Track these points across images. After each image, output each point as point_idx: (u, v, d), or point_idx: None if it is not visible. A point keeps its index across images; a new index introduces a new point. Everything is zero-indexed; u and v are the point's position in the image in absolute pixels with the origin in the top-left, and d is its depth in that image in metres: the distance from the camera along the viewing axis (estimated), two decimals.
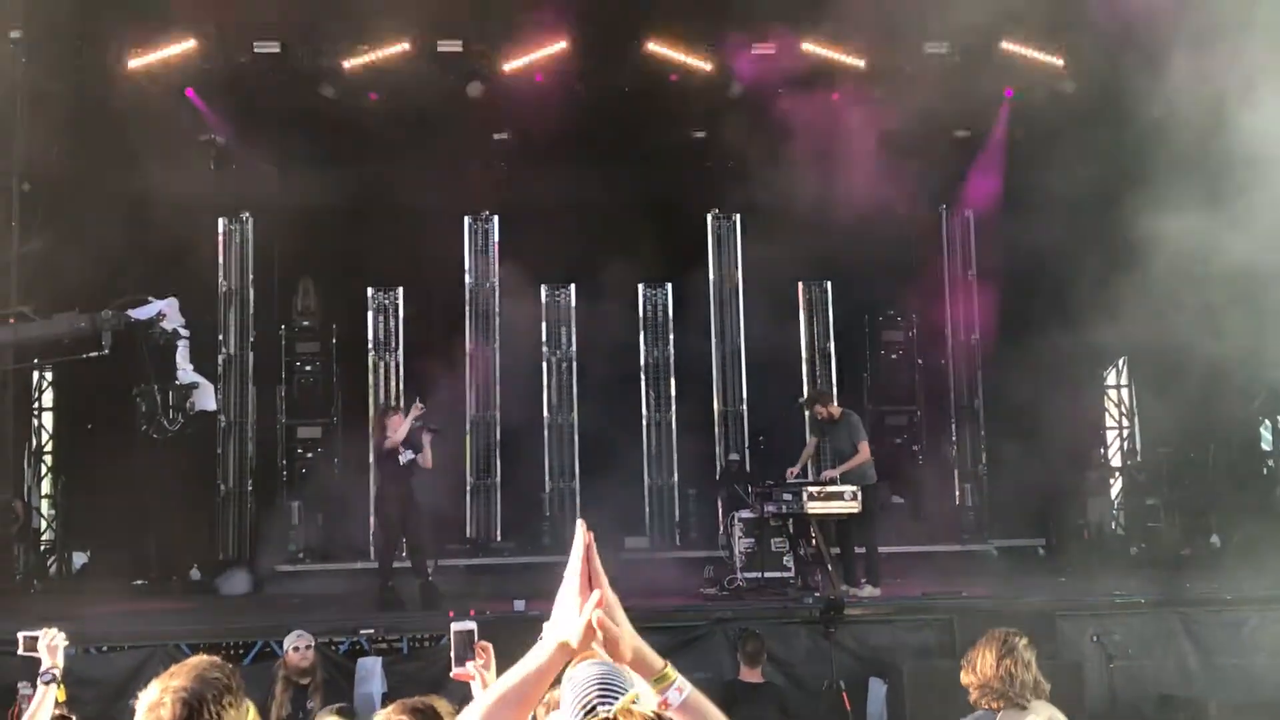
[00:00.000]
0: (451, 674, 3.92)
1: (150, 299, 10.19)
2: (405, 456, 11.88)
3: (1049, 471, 16.69)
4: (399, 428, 11.80)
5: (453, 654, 3.92)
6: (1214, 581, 11.86)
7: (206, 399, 10.46)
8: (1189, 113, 15.77)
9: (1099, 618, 10.11)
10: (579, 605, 2.59)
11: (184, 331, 10.25)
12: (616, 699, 3.24)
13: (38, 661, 4.94)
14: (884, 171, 16.30)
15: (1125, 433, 18.66)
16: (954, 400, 17.53)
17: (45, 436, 16.53)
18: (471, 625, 3.98)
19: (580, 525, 2.61)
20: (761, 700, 9.13)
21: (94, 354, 10.17)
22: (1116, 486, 18.10)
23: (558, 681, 2.84)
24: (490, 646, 3.98)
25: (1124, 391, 18.74)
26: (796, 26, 15.62)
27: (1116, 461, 18.39)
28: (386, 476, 12.15)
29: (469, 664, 3.90)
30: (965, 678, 5.56)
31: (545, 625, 3.86)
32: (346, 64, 15.23)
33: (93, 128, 15.05)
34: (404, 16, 15.14)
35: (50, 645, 4.92)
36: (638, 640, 2.66)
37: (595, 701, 3.26)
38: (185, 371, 10.31)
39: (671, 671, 2.67)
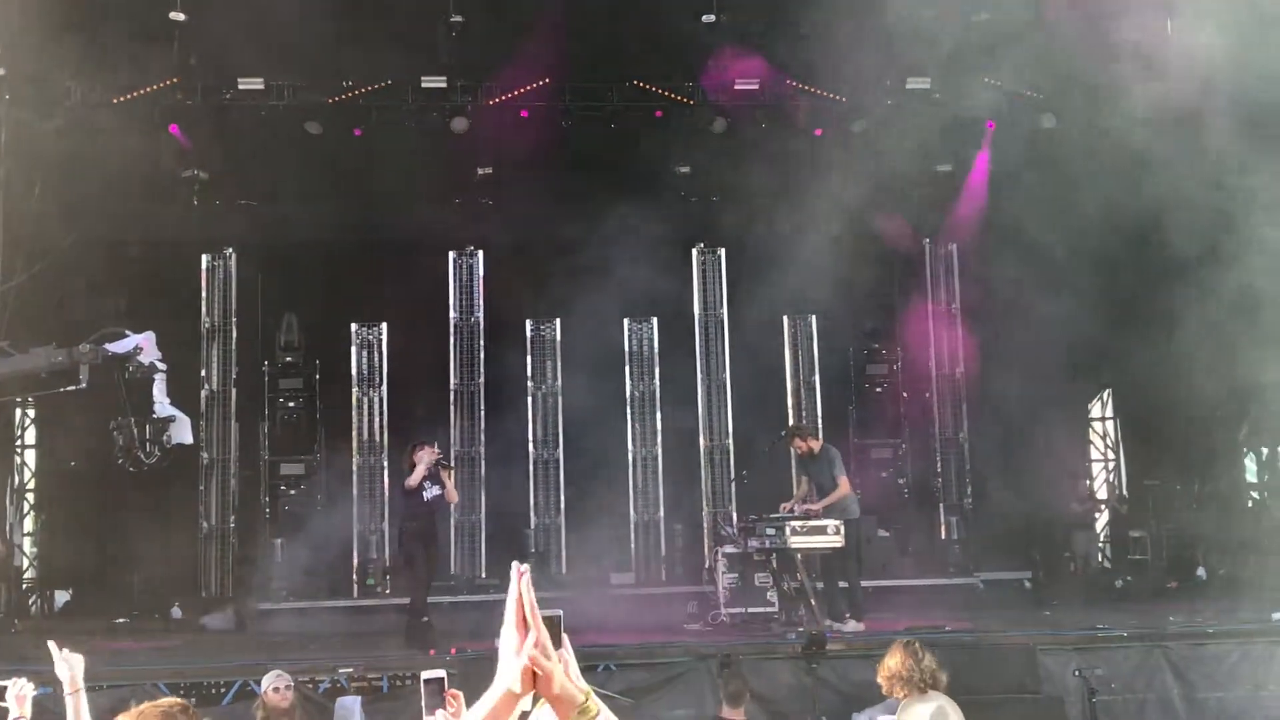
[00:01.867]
0: None
1: (127, 333, 10.16)
2: (430, 492, 11.91)
3: (1035, 504, 16.73)
4: (415, 472, 11.80)
5: (423, 703, 3.89)
6: (1199, 615, 11.84)
7: (183, 432, 10.41)
8: (1169, 146, 15.95)
9: (1082, 652, 10.09)
10: (517, 647, 2.56)
11: (161, 365, 10.21)
12: None
13: (5, 711, 4.88)
14: (867, 205, 16.41)
15: (1110, 465, 18.66)
16: (939, 433, 17.51)
17: (28, 474, 16.45)
18: (441, 674, 3.94)
19: (514, 566, 2.60)
20: None
21: (71, 388, 10.12)
22: (1102, 519, 18.08)
23: None
24: (460, 695, 3.94)
25: (1109, 424, 18.76)
26: (779, 62, 15.71)
27: (1102, 494, 18.38)
28: (409, 513, 12.12)
29: (439, 712, 3.86)
30: (879, 675, 7.23)
31: (497, 668, 3.85)
32: (330, 99, 15.29)
33: (75, 163, 15.06)
34: (387, 52, 15.22)
35: (18, 696, 4.86)
36: (565, 676, 2.65)
37: None
38: (162, 405, 10.26)
39: (593, 703, 2.65)
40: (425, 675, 3.89)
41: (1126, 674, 10.11)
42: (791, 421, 16.46)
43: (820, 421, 16.90)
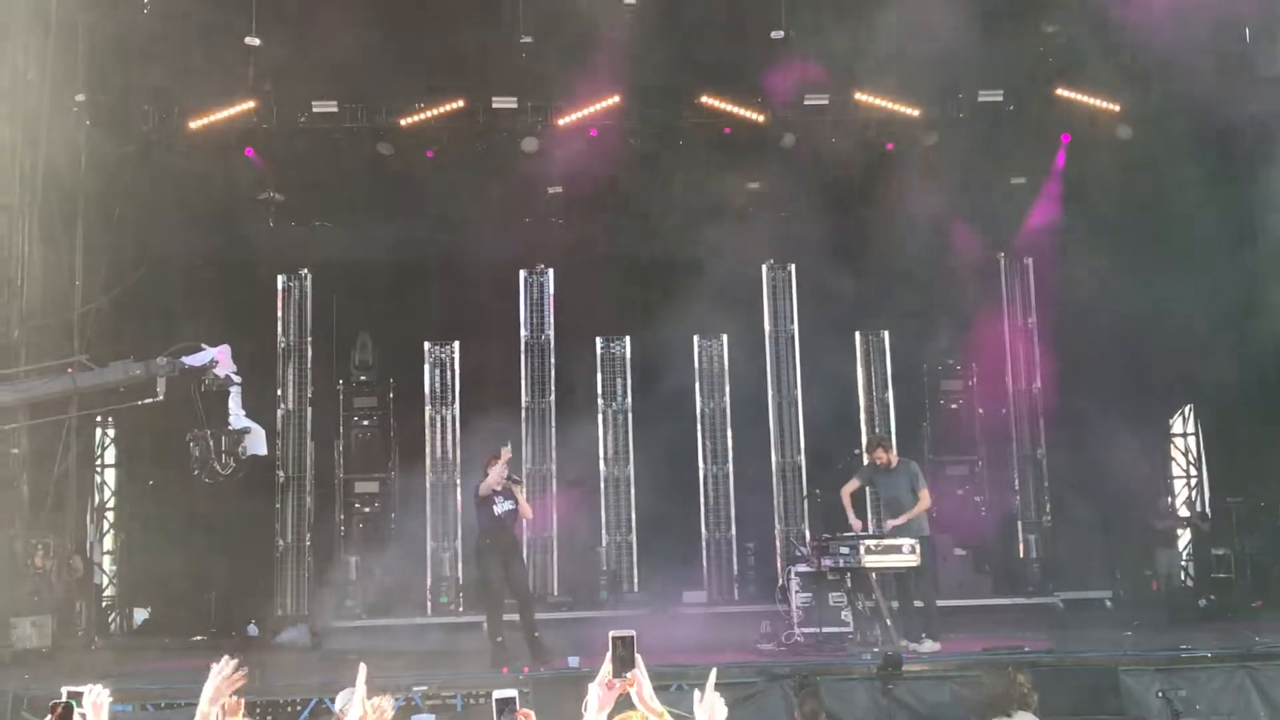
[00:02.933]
0: None
1: (203, 346, 10.31)
2: (501, 506, 11.65)
3: (1115, 521, 16.43)
4: (491, 477, 11.58)
5: None
6: None
7: (258, 444, 10.52)
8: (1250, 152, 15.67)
9: (1165, 672, 9.84)
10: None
11: (236, 378, 10.34)
12: None
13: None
14: (940, 219, 16.28)
15: (1193, 481, 18.28)
16: (1016, 450, 17.23)
17: (108, 493, 16.73)
18: (513, 693, 3.95)
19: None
20: None
21: (148, 400, 10.30)
22: (1185, 537, 17.71)
23: None
24: (531, 714, 3.95)
25: (1190, 440, 18.39)
26: (849, 76, 15.64)
27: (1184, 511, 18.01)
28: (482, 528, 11.85)
29: None
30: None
31: (590, 686, 3.87)
32: (403, 121, 15.46)
33: (155, 187, 15.37)
34: (459, 73, 15.39)
35: (94, 703, 4.88)
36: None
37: None
38: (238, 417, 10.38)
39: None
40: (497, 695, 3.90)
41: (1211, 695, 9.84)
42: (867, 435, 16.29)
43: (895, 438, 16.68)
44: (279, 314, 16.61)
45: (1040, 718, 7.08)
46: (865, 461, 12.72)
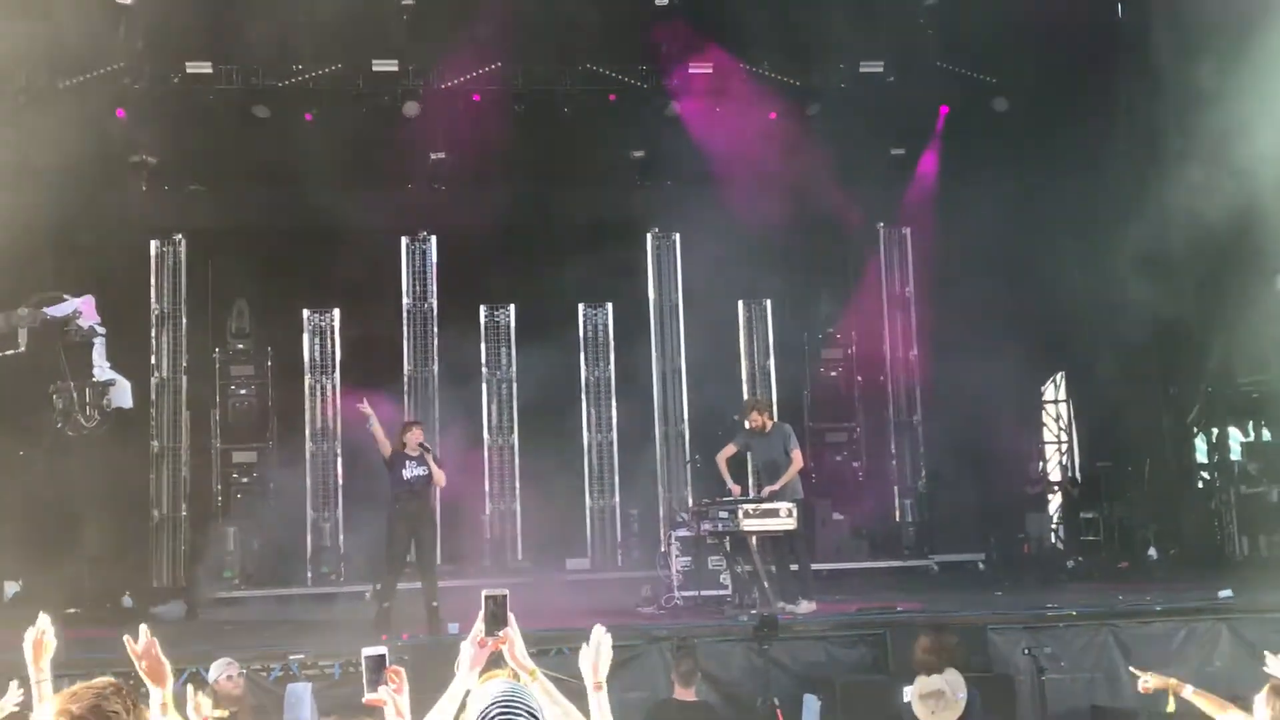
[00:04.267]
0: (364, 699, 3.89)
1: (66, 297, 10.05)
2: (411, 471, 11.45)
3: (988, 487, 16.84)
4: (381, 438, 11.41)
5: (365, 679, 3.89)
6: (1148, 594, 11.94)
7: (123, 396, 10.27)
8: (1121, 128, 16.10)
9: (1031, 631, 10.13)
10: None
11: (100, 329, 10.10)
12: (519, 716, 3.31)
13: None
14: (821, 189, 16.45)
15: (1063, 447, 18.81)
16: (893, 416, 17.59)
17: None
18: (383, 650, 3.94)
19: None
20: (695, 719, 9.08)
21: (10, 352, 10.01)
22: (1055, 501, 18.23)
23: None
24: (402, 671, 3.95)
25: (1062, 406, 18.90)
26: (734, 44, 15.71)
27: (1055, 476, 18.53)
28: (390, 493, 11.61)
29: (380, 688, 3.86)
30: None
31: (462, 644, 3.89)
32: (279, 83, 15.15)
33: (23, 148, 14.86)
34: (338, 35, 15.09)
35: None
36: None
37: (497, 715, 3.32)
38: (102, 369, 10.13)
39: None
40: (366, 652, 3.89)
41: (1076, 652, 10.16)
42: (745, 399, 16.39)
43: (775, 406, 16.89)
44: (152, 280, 16.20)
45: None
46: (745, 426, 12.83)
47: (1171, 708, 5.85)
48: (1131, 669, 6.16)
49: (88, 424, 9.98)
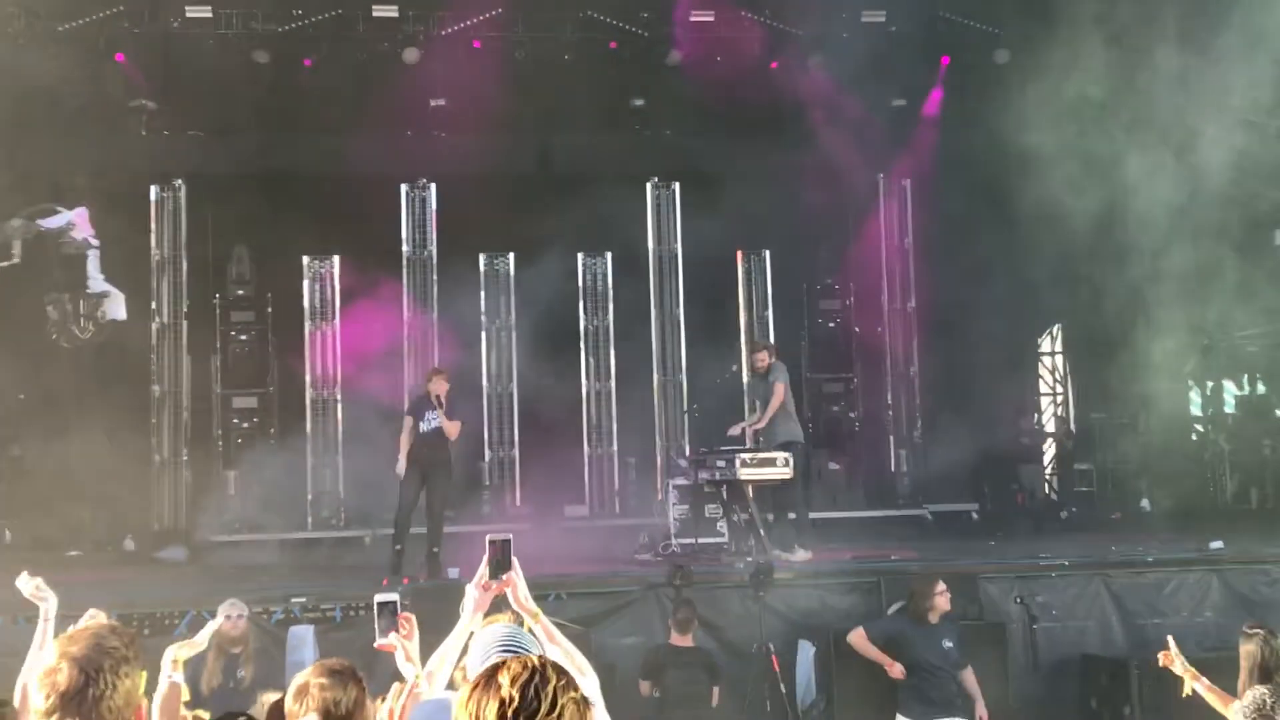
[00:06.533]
0: (375, 644, 3.97)
1: (59, 209, 10.03)
2: (427, 423, 11.71)
3: (984, 437, 16.92)
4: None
5: (376, 625, 3.97)
6: (1141, 545, 12.08)
7: (117, 308, 10.30)
8: (1122, 84, 16.04)
9: (1023, 580, 10.28)
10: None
11: (94, 241, 10.12)
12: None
13: None
14: (821, 140, 16.42)
15: (1059, 399, 18.91)
16: (890, 367, 17.65)
17: None
18: (394, 596, 4.03)
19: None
20: (691, 664, 9.24)
21: (4, 264, 10.02)
22: (1050, 452, 18.35)
23: None
24: (413, 617, 4.03)
25: (1058, 358, 18.99)
26: None
27: (1050, 427, 18.63)
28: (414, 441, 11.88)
29: (391, 635, 3.95)
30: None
31: (467, 588, 3.98)
32: (279, 28, 15.09)
33: (22, 93, 14.80)
34: None
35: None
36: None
37: (499, 656, 3.42)
38: (96, 280, 10.14)
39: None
40: (378, 598, 3.97)
41: (1067, 601, 10.32)
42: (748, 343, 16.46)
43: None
44: (152, 226, 16.16)
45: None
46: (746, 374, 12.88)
47: (1188, 690, 6.17)
48: (1169, 639, 6.35)
49: (82, 335, 9.99)
